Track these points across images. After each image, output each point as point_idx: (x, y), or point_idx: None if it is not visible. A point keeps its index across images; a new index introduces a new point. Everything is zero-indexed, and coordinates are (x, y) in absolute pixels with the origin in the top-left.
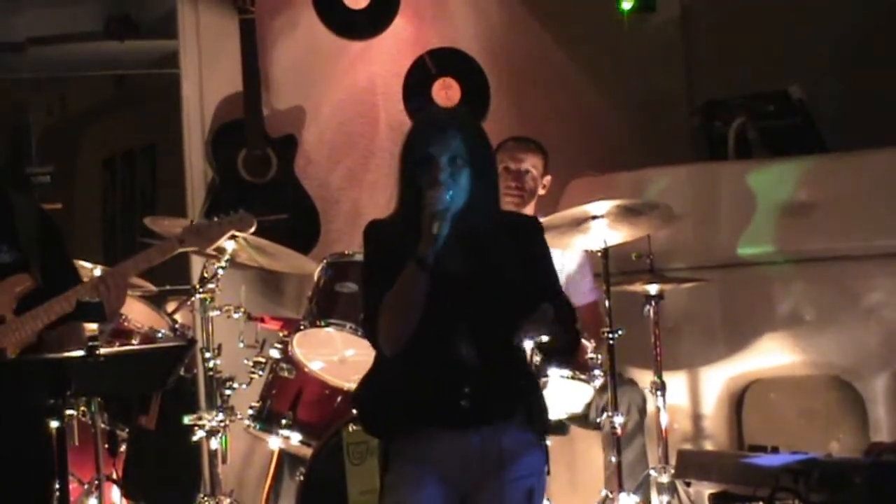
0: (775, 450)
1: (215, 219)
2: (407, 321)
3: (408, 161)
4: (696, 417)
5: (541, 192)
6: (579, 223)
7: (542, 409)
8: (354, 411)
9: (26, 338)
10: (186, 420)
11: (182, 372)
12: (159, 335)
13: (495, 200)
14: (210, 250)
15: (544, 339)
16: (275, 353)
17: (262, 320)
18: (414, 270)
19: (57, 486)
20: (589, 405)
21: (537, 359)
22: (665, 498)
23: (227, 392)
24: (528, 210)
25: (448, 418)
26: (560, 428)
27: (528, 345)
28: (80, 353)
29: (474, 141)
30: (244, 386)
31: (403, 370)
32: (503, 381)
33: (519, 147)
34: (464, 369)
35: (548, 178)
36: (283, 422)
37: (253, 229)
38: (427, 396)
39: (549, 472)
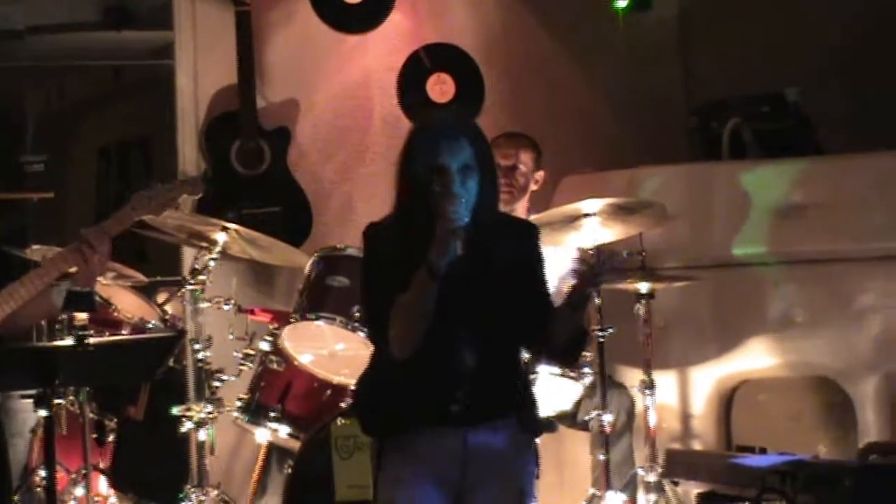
0: (763, 451)
1: (161, 184)
2: (418, 328)
3: (411, 166)
4: (685, 417)
5: (533, 187)
6: (572, 221)
7: (535, 410)
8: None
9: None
10: (175, 411)
11: (171, 363)
12: (149, 326)
13: (497, 205)
14: (163, 216)
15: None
16: (264, 346)
17: (253, 312)
18: (425, 279)
19: (44, 474)
20: (577, 404)
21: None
22: (652, 497)
23: (216, 384)
24: (521, 206)
25: (441, 419)
26: (548, 426)
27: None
28: (70, 342)
29: (481, 148)
30: (233, 378)
31: (402, 372)
32: (499, 384)
33: (509, 143)
34: (462, 373)
35: (540, 174)
36: (272, 414)
37: (201, 195)
38: (422, 398)
39: (538, 476)
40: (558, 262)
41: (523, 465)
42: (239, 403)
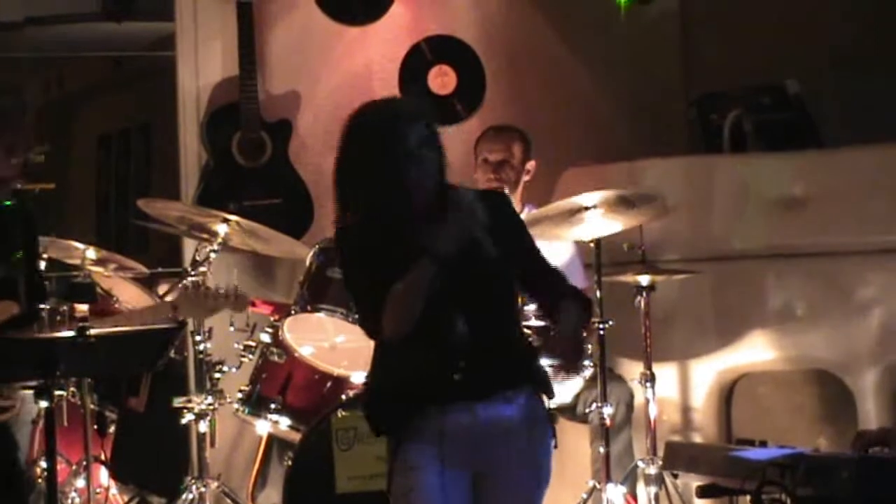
0: (763, 444)
1: (211, 290)
2: (414, 311)
3: (378, 159)
4: (686, 410)
5: (525, 178)
6: (573, 213)
7: (547, 381)
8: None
9: None
10: (176, 402)
11: (172, 354)
12: None
13: (444, 175)
14: (164, 207)
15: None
16: (265, 338)
17: (254, 304)
18: (426, 264)
19: (45, 465)
20: (577, 396)
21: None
22: (653, 489)
23: (217, 375)
24: (515, 198)
25: (448, 395)
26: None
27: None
28: (71, 333)
29: (433, 123)
30: (234, 369)
31: (401, 356)
32: (501, 353)
33: (496, 137)
34: (457, 342)
35: (532, 163)
36: (272, 406)
37: (247, 311)
38: (426, 376)
39: (556, 446)
40: (555, 255)
41: (540, 439)
42: (239, 395)
